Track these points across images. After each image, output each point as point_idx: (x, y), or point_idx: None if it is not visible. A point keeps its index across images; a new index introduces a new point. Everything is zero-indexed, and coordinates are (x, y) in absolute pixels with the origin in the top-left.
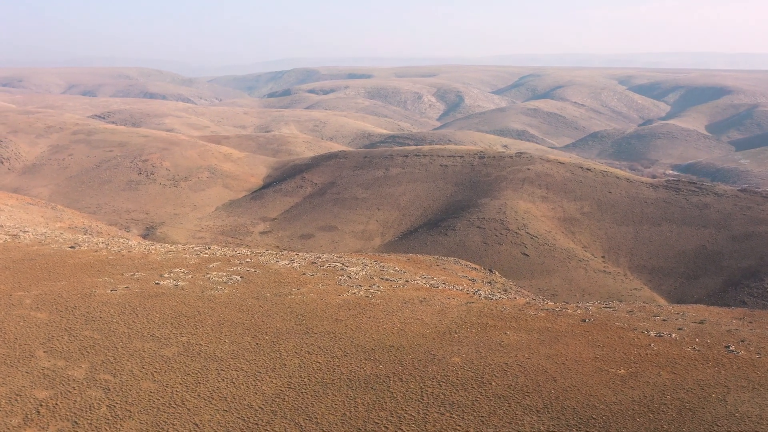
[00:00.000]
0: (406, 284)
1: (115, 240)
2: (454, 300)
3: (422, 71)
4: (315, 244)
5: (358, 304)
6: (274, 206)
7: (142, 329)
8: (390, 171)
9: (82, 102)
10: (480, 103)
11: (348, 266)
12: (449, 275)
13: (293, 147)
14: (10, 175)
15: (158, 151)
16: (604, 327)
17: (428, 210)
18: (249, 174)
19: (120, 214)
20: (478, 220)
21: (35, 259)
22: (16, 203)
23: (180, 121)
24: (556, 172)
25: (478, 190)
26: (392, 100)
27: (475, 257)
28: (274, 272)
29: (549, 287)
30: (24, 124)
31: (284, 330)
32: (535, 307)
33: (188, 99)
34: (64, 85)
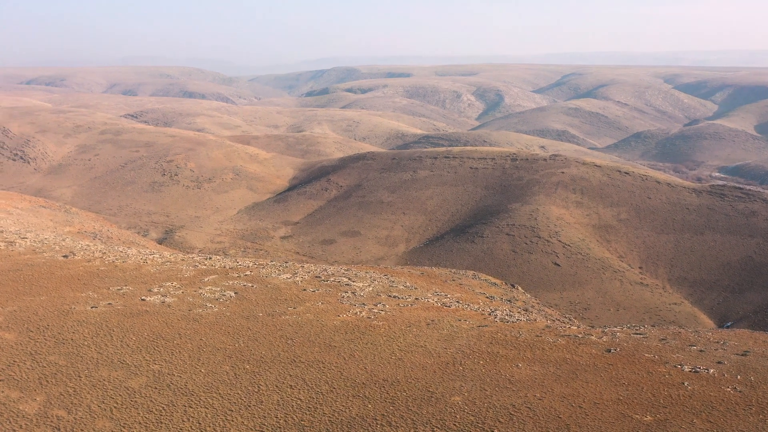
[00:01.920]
0: (416, 303)
1: (113, 249)
2: (465, 322)
3: (463, 70)
4: (336, 251)
5: (358, 327)
6: (297, 209)
7: (114, 354)
8: (418, 173)
9: (117, 101)
10: (520, 102)
11: (354, 281)
12: (465, 292)
13: (323, 147)
14: (35, 176)
15: (184, 152)
16: (631, 359)
17: (456, 215)
18: (275, 175)
19: (140, 216)
20: (507, 227)
21: (22, 269)
22: (29, 206)
23: (211, 121)
24: (592, 176)
25: (509, 194)
26: (430, 99)
27: (503, 267)
28: (272, 288)
29: (581, 300)
30: (53, 123)
31: (269, 358)
32: (555, 332)
33: (227, 98)
34: (105, 84)
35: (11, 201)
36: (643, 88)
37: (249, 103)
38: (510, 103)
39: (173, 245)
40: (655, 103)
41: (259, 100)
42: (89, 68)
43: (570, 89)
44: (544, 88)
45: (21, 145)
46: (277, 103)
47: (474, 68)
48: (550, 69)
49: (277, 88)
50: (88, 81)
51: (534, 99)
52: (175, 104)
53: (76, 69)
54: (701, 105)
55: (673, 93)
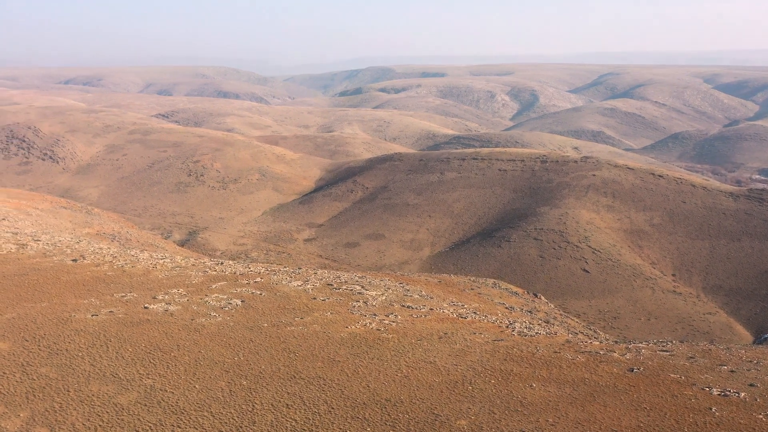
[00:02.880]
0: (430, 313)
1: (125, 252)
2: (480, 336)
3: (498, 69)
4: (359, 254)
5: (365, 340)
6: (321, 211)
7: (107, 367)
8: (445, 175)
9: (149, 101)
10: (555, 102)
11: (368, 289)
12: (484, 302)
13: (351, 148)
14: (64, 175)
15: (211, 152)
16: (655, 380)
17: (483, 218)
18: (301, 176)
19: (165, 217)
20: (535, 231)
21: (28, 273)
22: (49, 207)
23: (241, 121)
24: (624, 179)
25: (538, 197)
26: (464, 99)
27: (530, 273)
28: (281, 296)
29: (610, 309)
30: (83, 123)
31: (268, 373)
32: (576, 347)
33: (261, 98)
34: (141, 84)
35: (32, 202)
36: (682, 88)
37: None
38: (545, 103)
39: (195, 247)
40: (693, 104)
41: (293, 100)
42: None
43: (606, 89)
44: (580, 88)
45: (51, 144)
46: (310, 102)
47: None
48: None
49: (312, 87)
50: (124, 81)
51: (569, 99)
52: (206, 104)
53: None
54: (742, 105)
55: (712, 93)
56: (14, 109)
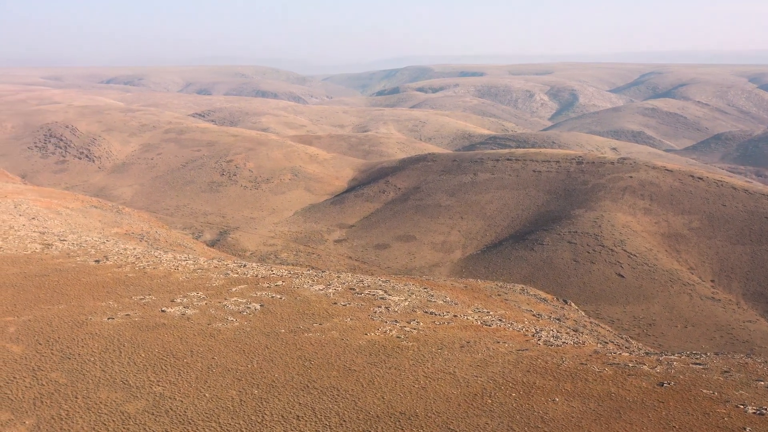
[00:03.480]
0: (453, 321)
1: (149, 253)
2: (504, 345)
3: (537, 69)
4: (390, 256)
5: (384, 348)
6: (353, 212)
7: (117, 373)
8: (478, 176)
9: (187, 100)
10: (595, 102)
11: (390, 294)
12: (510, 309)
13: (385, 148)
14: (99, 174)
15: (244, 152)
16: (686, 396)
17: (516, 221)
18: (333, 176)
19: (197, 217)
20: (569, 234)
21: (50, 274)
22: (80, 206)
23: (276, 120)
24: (662, 181)
25: (573, 199)
26: (502, 98)
27: (563, 277)
28: (301, 300)
29: (645, 315)
30: (120, 122)
31: (281, 382)
32: (604, 359)
33: (299, 97)
34: (181, 83)
35: (63, 201)
36: (726, 87)
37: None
38: (584, 102)
39: (225, 247)
40: (737, 104)
41: (331, 99)
42: (167, 68)
43: (648, 89)
44: (620, 87)
45: (87, 143)
46: (347, 102)
47: (549, 67)
48: (627, 68)
49: (350, 87)
50: (164, 80)
51: (610, 99)
52: (243, 103)
53: (154, 68)
54: None
55: (757, 93)
56: (54, 108)
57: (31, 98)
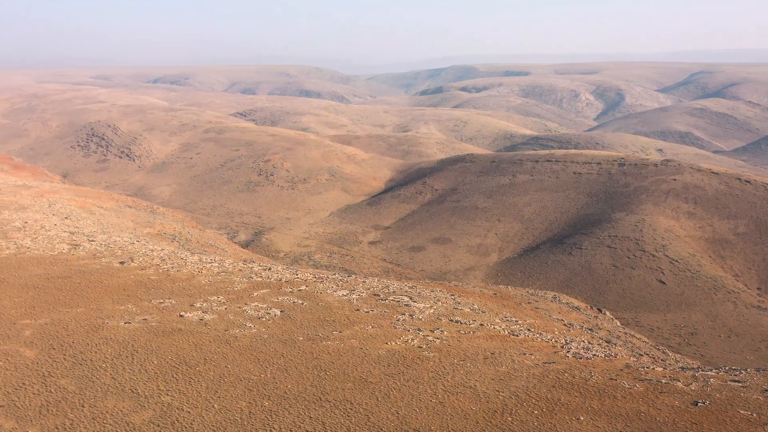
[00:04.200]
0: (479, 330)
1: (176, 254)
2: (530, 357)
3: (583, 68)
4: (424, 258)
5: (404, 359)
6: (389, 213)
7: (127, 381)
8: (517, 178)
9: (229, 99)
10: (642, 102)
11: (416, 301)
12: (540, 317)
13: (424, 148)
14: (139, 173)
15: (282, 151)
16: (722, 417)
17: (554, 224)
18: (371, 177)
19: (232, 216)
20: (609, 238)
21: (73, 276)
22: (114, 206)
23: (317, 120)
24: (707, 184)
25: (614, 202)
26: (547, 98)
27: (601, 282)
28: (323, 306)
29: (687, 324)
30: (160, 122)
31: (293, 393)
32: (635, 374)
33: (342, 96)
34: (226, 82)
35: (98, 200)
36: None
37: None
38: (631, 102)
39: (259, 248)
40: None
41: (374, 99)
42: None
43: (697, 88)
44: (669, 87)
45: (128, 143)
46: (390, 102)
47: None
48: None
49: (394, 86)
50: (210, 80)
51: (657, 98)
52: (284, 103)
53: (199, 68)
54: None
55: None
56: (97, 108)
57: (77, 98)
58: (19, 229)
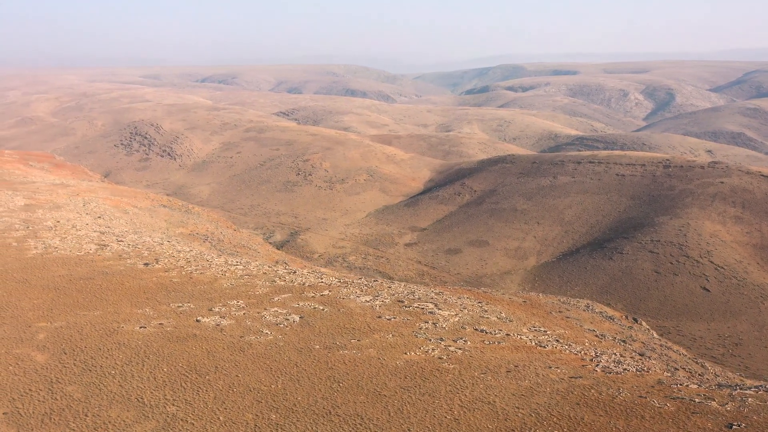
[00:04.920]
0: (505, 340)
1: (202, 256)
2: (556, 371)
3: (633, 67)
4: (460, 261)
5: (422, 371)
6: (426, 215)
7: (134, 389)
8: (558, 179)
9: (272, 98)
10: (693, 102)
11: (441, 308)
12: (571, 327)
13: (466, 148)
14: (179, 172)
15: (321, 151)
16: None
17: (595, 227)
18: (410, 177)
19: (269, 216)
20: (651, 243)
21: (95, 277)
22: (149, 205)
23: (359, 119)
24: (756, 188)
25: (657, 205)
26: (594, 98)
27: (642, 289)
28: (344, 313)
29: (732, 334)
30: (203, 121)
31: (302, 406)
32: (667, 392)
33: (388, 96)
34: (273, 81)
35: (133, 199)
36: None
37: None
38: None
39: (294, 249)
40: None
41: (419, 98)
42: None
43: (752, 88)
44: (722, 86)
45: (170, 141)
46: (435, 101)
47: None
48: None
49: (441, 86)
50: (256, 79)
51: (709, 98)
52: (327, 102)
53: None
54: None
55: None
56: (142, 107)
57: (124, 97)
58: (50, 229)
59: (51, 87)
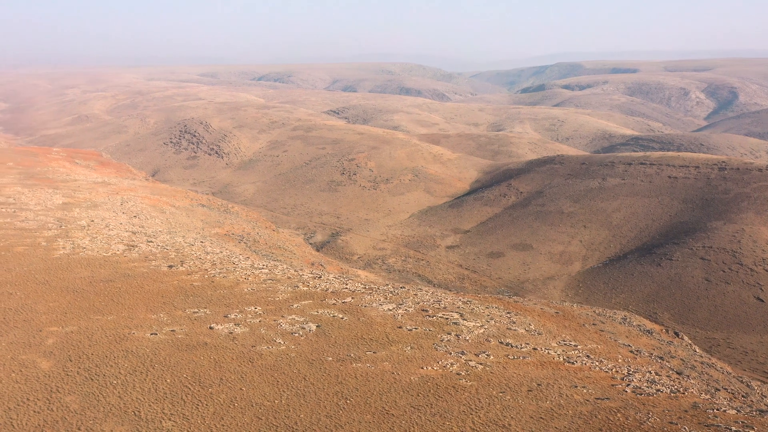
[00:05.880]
0: (531, 354)
1: (229, 259)
2: (582, 391)
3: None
4: (502, 265)
5: (437, 388)
6: (470, 216)
7: (133, 402)
8: (607, 181)
9: (324, 97)
10: (757, 101)
11: (467, 319)
12: (604, 342)
13: (515, 148)
14: (226, 171)
15: (367, 150)
16: None
17: (644, 232)
18: (456, 178)
19: (312, 216)
20: (702, 249)
21: (116, 280)
22: (187, 204)
23: (409, 118)
24: None
25: (711, 210)
26: (654, 96)
27: (691, 298)
28: (364, 322)
29: None
30: (251, 119)
31: (304, 425)
32: (701, 418)
33: (443, 94)
34: (328, 80)
35: (173, 198)
36: None
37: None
38: (745, 101)
39: (334, 250)
40: None
41: (474, 96)
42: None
43: None
44: None
45: (218, 140)
46: (489, 99)
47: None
48: None
49: (497, 84)
50: (312, 77)
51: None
52: (379, 100)
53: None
54: None
55: None
56: (194, 105)
57: (179, 95)
58: (83, 228)
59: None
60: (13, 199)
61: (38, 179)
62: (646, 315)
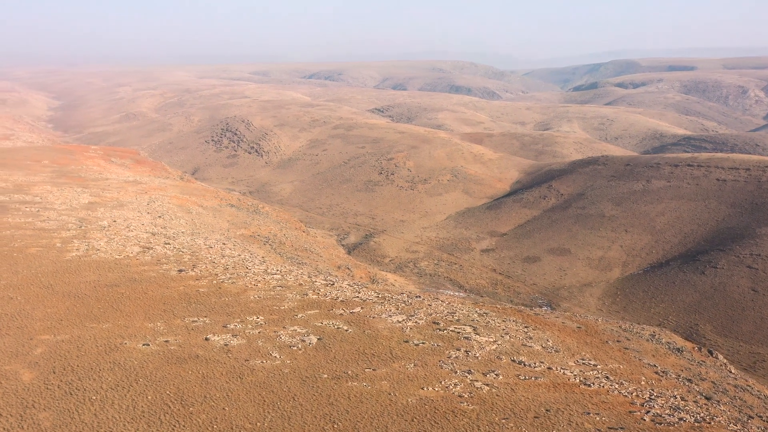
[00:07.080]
0: (544, 374)
1: (241, 263)
2: (595, 418)
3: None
4: (538, 271)
5: (435, 412)
6: (508, 219)
7: (108, 421)
8: (651, 183)
9: (369, 95)
10: None
11: (480, 333)
12: (627, 361)
13: (560, 148)
14: (265, 169)
15: (406, 149)
16: None
17: (688, 237)
18: (496, 178)
19: (346, 217)
20: (750, 257)
21: (121, 285)
22: (216, 204)
23: (453, 116)
24: None
25: (760, 215)
26: (710, 95)
27: (736, 309)
28: (369, 335)
29: None
30: (293, 117)
31: None
32: None
33: (493, 92)
34: (378, 78)
35: (201, 198)
36: None
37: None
38: None
39: (365, 252)
40: None
41: (525, 94)
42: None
43: None
44: None
45: (258, 138)
46: (539, 98)
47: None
48: None
49: (550, 82)
50: (362, 75)
51: None
52: (424, 99)
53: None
54: None
55: None
56: (238, 103)
57: (225, 93)
58: (103, 229)
59: (160, 83)
60: (39, 198)
61: (70, 177)
62: (686, 326)
